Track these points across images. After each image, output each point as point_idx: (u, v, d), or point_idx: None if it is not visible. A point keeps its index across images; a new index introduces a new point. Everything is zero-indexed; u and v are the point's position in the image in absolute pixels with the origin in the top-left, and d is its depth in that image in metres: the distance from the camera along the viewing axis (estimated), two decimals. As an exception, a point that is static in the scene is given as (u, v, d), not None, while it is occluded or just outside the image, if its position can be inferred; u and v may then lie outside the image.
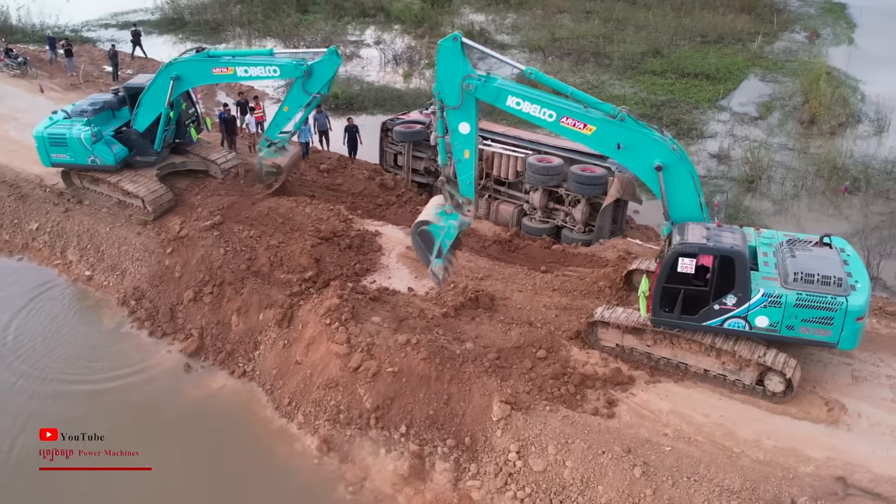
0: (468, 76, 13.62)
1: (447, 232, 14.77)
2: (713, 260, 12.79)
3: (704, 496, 11.49)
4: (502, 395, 13.43)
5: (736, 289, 12.77)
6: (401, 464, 13.23)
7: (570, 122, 13.70)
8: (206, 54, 18.89)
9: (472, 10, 48.34)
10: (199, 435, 14.26)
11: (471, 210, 15.02)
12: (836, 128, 28.24)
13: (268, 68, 18.40)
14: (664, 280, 13.22)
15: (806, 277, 12.45)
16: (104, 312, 17.74)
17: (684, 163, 13.66)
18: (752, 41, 39.54)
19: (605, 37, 39.95)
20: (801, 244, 13.32)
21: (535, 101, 13.79)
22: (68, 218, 20.20)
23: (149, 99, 19.81)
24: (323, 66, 18.05)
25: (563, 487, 12.27)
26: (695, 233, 13.18)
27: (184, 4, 46.24)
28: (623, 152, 13.78)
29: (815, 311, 12.42)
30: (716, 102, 31.26)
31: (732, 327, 13.06)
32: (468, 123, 14.17)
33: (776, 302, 12.54)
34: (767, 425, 12.74)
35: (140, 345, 16.64)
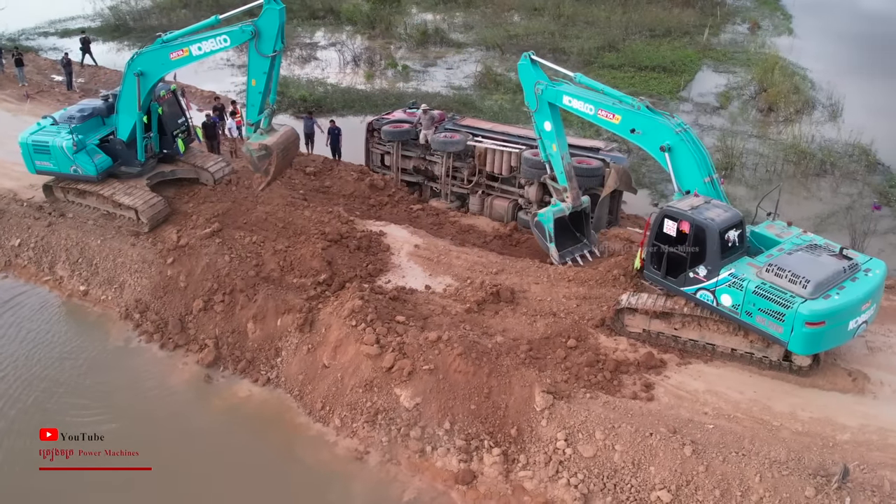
0: (538, 82, 16.83)
1: (548, 219, 17.94)
2: (689, 227, 13.56)
3: (756, 469, 11.89)
4: (543, 385, 13.62)
5: (706, 261, 13.46)
6: (448, 460, 13.25)
7: (604, 114, 15.99)
8: (161, 40, 18.22)
9: (420, 9, 48.41)
10: (235, 446, 13.93)
11: (568, 198, 18.03)
12: (793, 115, 29.56)
13: (218, 40, 17.61)
14: (653, 238, 14.23)
15: (777, 271, 12.78)
16: (109, 328, 17.11)
17: (688, 144, 14.85)
18: (699, 34, 40.88)
19: (557, 33, 40.62)
20: (819, 249, 13.51)
21: (580, 99, 16.29)
22: (53, 232, 19.40)
23: (124, 103, 19.22)
24: (267, 21, 17.13)
25: (615, 471, 12.52)
26: (686, 201, 14.11)
27: (125, 10, 44.76)
28: (638, 136, 15.51)
29: (769, 303, 12.68)
30: (677, 94, 32.26)
31: (702, 299, 13.75)
32: (549, 121, 17.19)
33: (738, 284, 13.07)
34: (799, 398, 13.29)
35: (154, 359, 16.14)
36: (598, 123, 16.61)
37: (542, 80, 16.86)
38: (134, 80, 18.57)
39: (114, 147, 19.72)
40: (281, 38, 17.55)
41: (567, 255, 18.16)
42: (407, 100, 31.41)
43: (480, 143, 21.39)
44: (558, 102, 16.72)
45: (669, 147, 14.87)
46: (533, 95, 17.03)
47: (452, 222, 20.74)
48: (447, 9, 48.19)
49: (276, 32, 17.34)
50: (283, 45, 17.79)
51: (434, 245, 18.67)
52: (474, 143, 21.43)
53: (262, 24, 17.25)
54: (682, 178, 14.98)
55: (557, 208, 18.05)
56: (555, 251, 17.98)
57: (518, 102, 30.91)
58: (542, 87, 16.74)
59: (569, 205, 18.04)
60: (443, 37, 40.82)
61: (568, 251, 18.27)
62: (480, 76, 34.34)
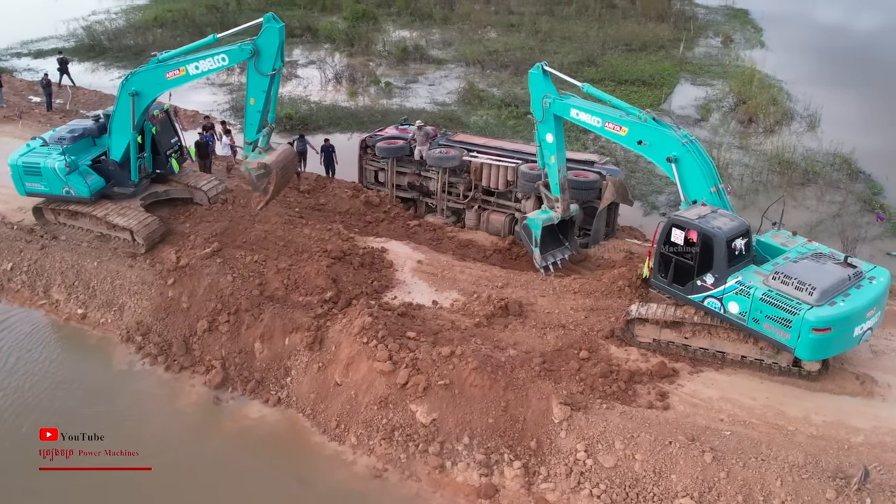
0: (546, 95, 16.88)
1: (536, 224, 18.24)
2: (697, 236, 13.80)
3: (776, 473, 12.08)
4: (559, 396, 13.69)
5: (713, 269, 13.70)
6: (469, 474, 13.24)
7: (611, 126, 16.21)
8: (156, 60, 18.09)
9: (396, 26, 48.67)
10: (251, 468, 13.74)
11: (560, 206, 18.24)
12: (773, 125, 30.20)
13: (216, 58, 17.55)
14: (660, 247, 14.45)
15: (783, 278, 13.03)
16: (111, 351, 16.83)
17: (694, 155, 15.15)
18: (674, 48, 41.68)
19: (535, 49, 41.09)
20: (825, 258, 13.81)
21: (588, 112, 16.52)
22: (46, 255, 19.06)
23: (117, 124, 19.02)
24: (267, 39, 17.07)
25: (637, 480, 12.62)
26: (694, 210, 14.35)
27: (100, 30, 44.32)
28: (644, 147, 15.76)
29: (777, 310, 12.91)
30: (658, 107, 32.70)
31: (710, 306, 13.98)
32: (551, 133, 17.31)
33: (745, 291, 13.31)
34: (811, 402, 13.53)
35: (160, 381, 15.90)
36: (605, 135, 16.81)
37: (551, 93, 16.97)
38: (128, 100, 18.43)
39: (106, 168, 19.51)
40: (280, 57, 17.49)
41: (549, 258, 18.63)
42: (392, 116, 31.55)
43: (476, 159, 21.52)
44: (566, 115, 16.92)
45: (676, 158, 15.14)
46: (540, 106, 17.16)
47: (451, 237, 20.81)
48: (424, 26, 48.52)
49: (275, 51, 17.28)
50: (282, 63, 17.73)
51: (437, 260, 18.70)
52: (470, 159, 21.56)
53: (261, 42, 17.17)
54: (689, 189, 15.24)
55: (547, 216, 18.35)
56: (538, 256, 18.40)
57: (504, 118, 31.35)
58: (549, 100, 16.89)
59: (558, 214, 18.37)
60: (422, 53, 41.07)
61: (550, 253, 18.72)
62: (464, 92, 34.59)
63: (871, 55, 40.04)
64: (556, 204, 18.33)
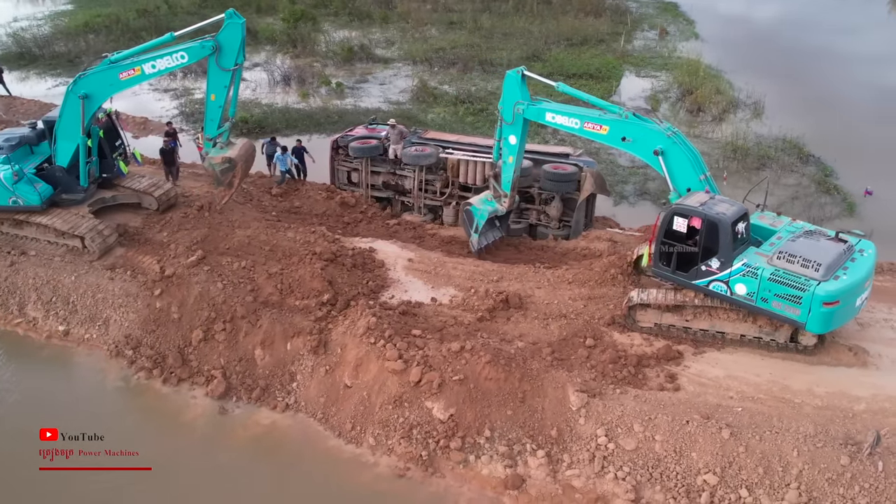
0: (518, 102, 17.04)
1: (482, 214, 18.75)
2: (701, 223, 14.22)
3: (791, 444, 12.61)
4: (574, 384, 13.96)
5: (719, 254, 14.18)
6: (494, 467, 13.36)
7: (591, 126, 16.41)
8: (108, 61, 17.77)
9: (334, 27, 48.16)
10: (272, 475, 13.51)
11: (506, 202, 18.80)
12: (721, 114, 31.27)
13: (174, 56, 17.54)
14: (662, 235, 14.77)
15: (788, 257, 13.64)
16: (102, 367, 16.22)
17: (680, 146, 15.60)
18: (614, 41, 42.60)
19: (479, 45, 41.37)
20: (816, 235, 14.50)
21: (564, 114, 16.71)
22: (17, 272, 18.22)
23: (64, 128, 18.51)
24: (229, 35, 17.36)
25: (659, 460, 12.98)
26: (694, 198, 14.75)
27: (28, 38, 42.34)
28: (629, 144, 16.00)
29: (786, 287, 13.49)
30: (609, 98, 33.44)
31: (716, 290, 14.45)
32: (515, 136, 17.64)
33: (753, 273, 13.84)
34: (812, 375, 14.15)
35: (160, 395, 15.43)
36: (584, 136, 17.12)
37: (524, 99, 17.10)
38: (77, 104, 17.97)
39: (53, 175, 18.91)
40: (242, 52, 17.70)
41: (482, 241, 19.23)
42: (348, 117, 31.35)
43: (452, 155, 21.61)
44: (541, 120, 17.20)
45: (663, 151, 15.52)
46: (511, 110, 17.26)
47: (432, 235, 20.83)
48: (363, 25, 48.15)
49: (238, 46, 17.56)
50: (243, 58, 17.91)
51: (427, 258, 18.72)
52: (446, 156, 21.63)
53: (223, 38, 17.41)
54: (678, 179, 15.67)
55: (493, 208, 18.88)
56: (476, 241, 19.04)
57: (461, 114, 31.51)
58: (522, 107, 17.07)
59: (504, 209, 18.97)
60: (368, 53, 40.79)
61: (484, 236, 19.28)
62: (416, 90, 34.54)
63: (797, 44, 41.98)
64: (503, 199, 18.80)
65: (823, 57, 39.43)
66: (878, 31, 46.05)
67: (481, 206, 18.91)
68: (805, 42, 42.68)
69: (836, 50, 40.81)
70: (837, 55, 39.80)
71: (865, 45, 42.07)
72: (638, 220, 22.46)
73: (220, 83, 17.82)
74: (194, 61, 17.76)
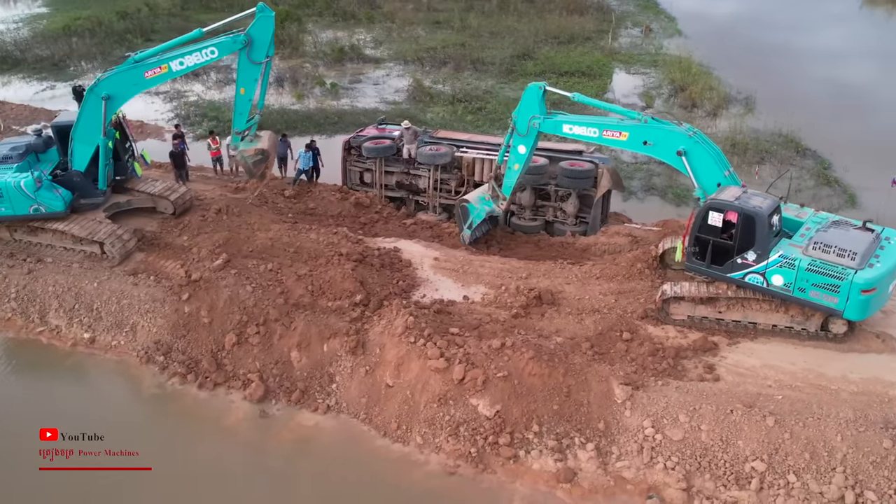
0: (534, 116, 17.10)
1: (479, 213, 19.06)
2: (737, 217, 14.54)
3: (834, 430, 12.96)
4: (618, 378, 14.18)
5: (756, 246, 14.51)
6: (544, 461, 13.50)
7: (610, 133, 16.53)
8: (132, 60, 17.74)
9: (319, 27, 48.01)
10: (323, 477, 13.53)
11: (503, 205, 19.11)
12: (715, 109, 31.85)
13: (204, 52, 17.61)
14: (696, 230, 15.05)
15: (823, 248, 14.04)
16: (134, 374, 16.05)
17: (702, 145, 15.75)
18: (600, 39, 43.15)
19: (469, 45, 41.56)
20: (844, 225, 14.92)
21: (581, 124, 16.85)
22: (36, 279, 17.96)
23: (82, 131, 18.35)
24: (260, 28, 17.62)
25: (707, 450, 13.24)
26: (728, 192, 15.03)
27: (8, 41, 41.52)
28: (650, 147, 16.18)
29: (824, 277, 13.89)
30: (603, 96, 33.85)
31: (752, 282, 14.80)
32: (525, 147, 17.78)
33: (790, 264, 14.21)
34: (845, 362, 14.52)
35: (198, 401, 15.31)
36: (604, 143, 17.19)
37: (539, 114, 17.13)
38: (99, 105, 17.94)
39: (70, 180, 18.68)
40: (272, 45, 17.99)
41: (473, 235, 19.72)
42: (347, 117, 31.38)
43: (467, 154, 21.74)
44: (558, 132, 17.26)
45: (685, 151, 15.66)
46: (526, 122, 17.37)
47: (449, 233, 20.89)
48: (348, 26, 48.12)
49: (269, 40, 17.80)
50: (273, 51, 18.19)
51: (453, 256, 18.82)
52: (461, 154, 21.74)
53: (254, 31, 17.59)
54: (703, 177, 15.76)
55: (490, 209, 19.16)
56: (468, 236, 19.50)
57: (460, 113, 31.65)
58: (538, 121, 17.16)
59: (500, 210, 19.38)
60: (359, 53, 40.77)
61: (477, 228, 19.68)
62: (412, 90, 34.61)
63: (776, 41, 42.91)
64: (501, 202, 19.07)
65: (802, 53, 40.44)
66: (851, 26, 47.24)
67: (479, 205, 19.15)
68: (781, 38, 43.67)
69: (811, 45, 41.95)
70: (813, 50, 40.88)
71: (841, 40, 43.20)
72: (648, 216, 22.81)
73: (250, 77, 18.04)
74: (224, 56, 17.81)
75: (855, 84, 35.68)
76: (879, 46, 42.61)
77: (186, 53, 17.59)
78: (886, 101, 32.99)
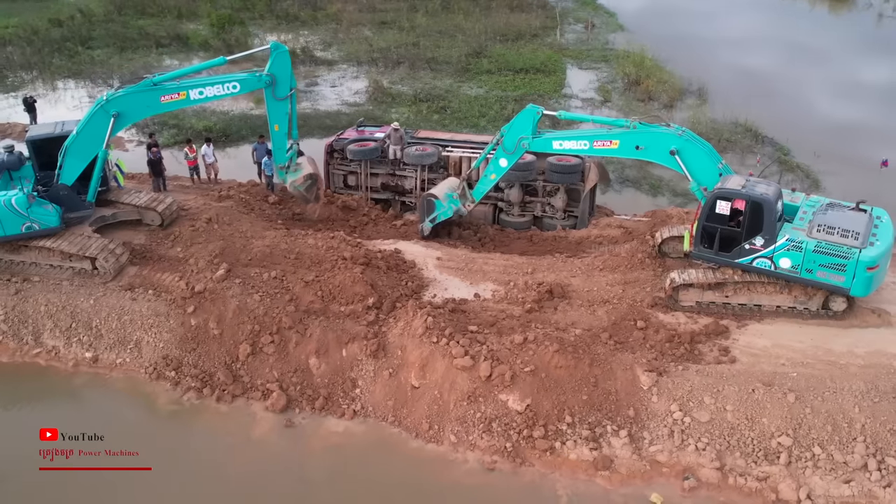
0: (523, 137, 17.63)
1: (445, 211, 19.52)
2: (745, 204, 15.20)
3: (851, 402, 13.68)
4: (641, 365, 14.58)
5: (763, 231, 15.19)
6: (580, 451, 13.78)
7: (601, 144, 17.15)
8: (151, 83, 17.57)
9: (263, 30, 47.20)
10: (364, 482, 13.44)
11: (469, 206, 19.82)
12: (671, 101, 32.86)
13: (227, 86, 17.90)
14: (704, 219, 15.64)
15: (827, 229, 14.83)
16: (146, 391, 15.59)
17: (693, 142, 16.47)
18: (546, 36, 43.94)
19: (421, 44, 41.62)
20: (838, 207, 15.76)
21: (571, 139, 17.53)
22: (25, 300, 17.21)
23: (81, 145, 17.81)
24: (279, 65, 18.11)
25: (734, 429, 13.77)
26: (733, 181, 15.69)
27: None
28: (643, 151, 16.79)
29: (830, 257, 14.70)
30: (561, 92, 34.53)
31: (760, 266, 15.49)
32: (507, 162, 18.36)
33: (797, 247, 14.97)
34: (848, 338, 15.29)
35: (219, 414, 14.99)
36: (596, 154, 17.97)
37: (528, 134, 17.62)
38: (105, 120, 17.57)
39: (56, 194, 18.02)
40: (292, 77, 18.42)
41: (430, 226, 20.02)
42: (311, 121, 31.10)
43: (453, 153, 21.86)
44: (548, 149, 17.98)
45: (678, 150, 16.29)
46: (515, 140, 17.84)
47: (446, 233, 20.90)
48: (291, 28, 47.51)
49: (289, 74, 18.23)
50: (295, 82, 18.67)
51: (455, 255, 18.92)
52: (447, 154, 21.85)
53: (275, 69, 18.05)
54: (698, 172, 16.36)
55: (458, 207, 19.62)
56: (427, 229, 19.84)
57: (425, 113, 31.67)
58: (527, 141, 17.69)
59: (465, 211, 19.88)
60: (310, 55, 40.32)
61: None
62: (372, 91, 34.49)
63: (717, 32, 44.55)
64: (469, 203, 19.69)
65: (738, 42, 42.19)
66: (796, 18, 49.37)
67: (446, 203, 19.49)
68: (722, 28, 45.39)
69: (744, 34, 43.76)
70: (756, 40, 42.62)
71: (782, 28, 45.20)
72: (626, 207, 23.50)
73: (280, 112, 18.46)
74: (245, 92, 18.19)
75: (797, 71, 37.34)
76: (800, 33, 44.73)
77: (209, 84, 17.73)
78: (816, 84, 34.85)
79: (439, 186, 20.22)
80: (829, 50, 41.63)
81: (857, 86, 35.43)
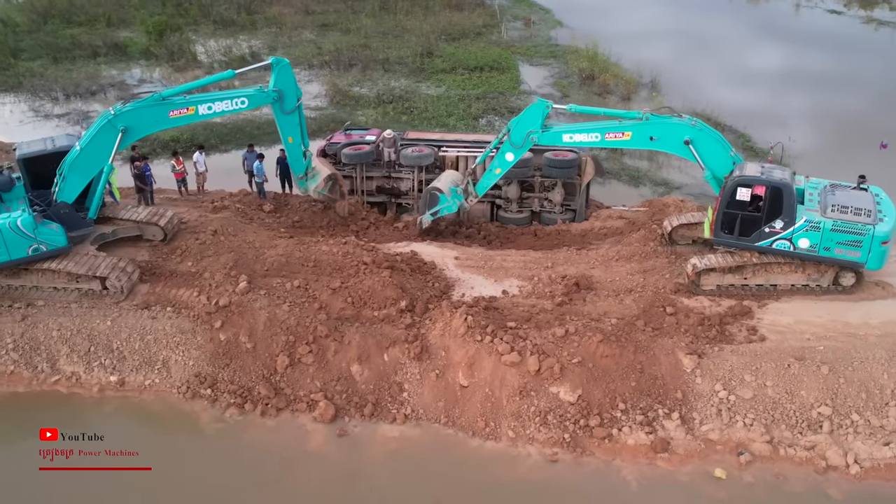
0: (532, 131, 17.72)
1: (450, 206, 19.51)
2: (765, 190, 16.02)
3: (880, 369, 14.59)
4: (681, 349, 15.14)
5: (783, 215, 16.07)
6: (637, 436, 14.22)
7: (612, 136, 17.47)
8: (159, 97, 17.31)
9: (200, 35, 45.87)
10: (429, 486, 13.47)
11: (472, 202, 20.00)
12: (627, 94, 33.88)
13: (235, 101, 18.07)
14: (725, 206, 16.36)
15: (840, 209, 15.85)
16: (186, 411, 15.11)
17: (705, 132, 17.18)
18: (489, 34, 44.34)
19: (372, 46, 41.37)
20: (841, 187, 16.77)
21: (582, 132, 17.67)
22: (34, 326, 16.36)
23: (85, 161, 17.22)
24: (283, 80, 18.30)
25: (776, 403, 14.48)
26: (751, 168, 16.52)
27: None
28: (656, 142, 17.34)
29: (847, 235, 15.71)
30: (519, 88, 35.08)
31: (779, 247, 16.38)
32: (514, 156, 18.41)
33: (816, 227, 15.90)
34: (861, 310, 16.29)
35: (267, 429, 14.69)
36: (607, 146, 18.40)
37: (537, 128, 17.77)
38: (113, 135, 17.05)
39: (57, 213, 17.28)
40: (297, 89, 18.57)
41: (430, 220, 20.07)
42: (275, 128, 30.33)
43: (448, 153, 21.99)
44: (558, 142, 18.12)
45: (692, 139, 16.97)
46: (524, 135, 17.95)
47: (452, 232, 20.95)
48: (230, 32, 46.31)
49: (293, 86, 18.40)
50: (301, 92, 18.75)
51: (471, 253, 19.09)
52: (443, 154, 21.96)
53: (280, 84, 18.24)
54: (712, 161, 17.12)
55: (461, 202, 19.68)
56: (428, 222, 19.88)
57: (393, 114, 31.64)
58: (536, 135, 17.82)
59: (467, 206, 20.13)
60: (258, 60, 39.35)
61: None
62: (331, 94, 34.15)
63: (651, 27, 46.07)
64: (472, 198, 19.82)
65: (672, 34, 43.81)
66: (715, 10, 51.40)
67: (451, 198, 19.49)
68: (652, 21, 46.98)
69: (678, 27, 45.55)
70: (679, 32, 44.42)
71: (704, 20, 47.20)
72: (613, 198, 24.14)
73: (291, 125, 18.79)
74: (254, 107, 18.38)
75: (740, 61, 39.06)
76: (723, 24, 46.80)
77: (217, 99, 17.76)
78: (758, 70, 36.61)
79: (442, 180, 20.26)
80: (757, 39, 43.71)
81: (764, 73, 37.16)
